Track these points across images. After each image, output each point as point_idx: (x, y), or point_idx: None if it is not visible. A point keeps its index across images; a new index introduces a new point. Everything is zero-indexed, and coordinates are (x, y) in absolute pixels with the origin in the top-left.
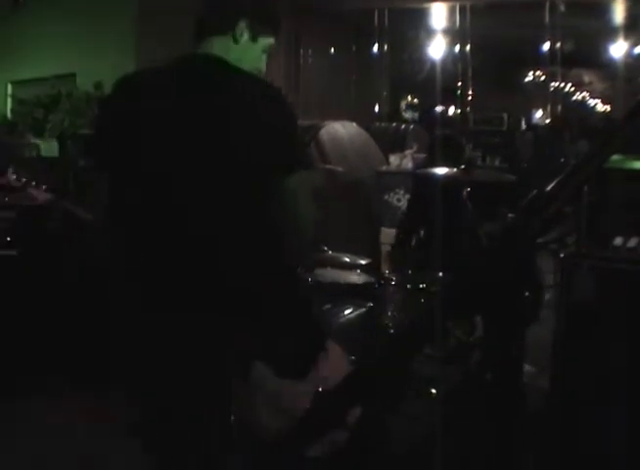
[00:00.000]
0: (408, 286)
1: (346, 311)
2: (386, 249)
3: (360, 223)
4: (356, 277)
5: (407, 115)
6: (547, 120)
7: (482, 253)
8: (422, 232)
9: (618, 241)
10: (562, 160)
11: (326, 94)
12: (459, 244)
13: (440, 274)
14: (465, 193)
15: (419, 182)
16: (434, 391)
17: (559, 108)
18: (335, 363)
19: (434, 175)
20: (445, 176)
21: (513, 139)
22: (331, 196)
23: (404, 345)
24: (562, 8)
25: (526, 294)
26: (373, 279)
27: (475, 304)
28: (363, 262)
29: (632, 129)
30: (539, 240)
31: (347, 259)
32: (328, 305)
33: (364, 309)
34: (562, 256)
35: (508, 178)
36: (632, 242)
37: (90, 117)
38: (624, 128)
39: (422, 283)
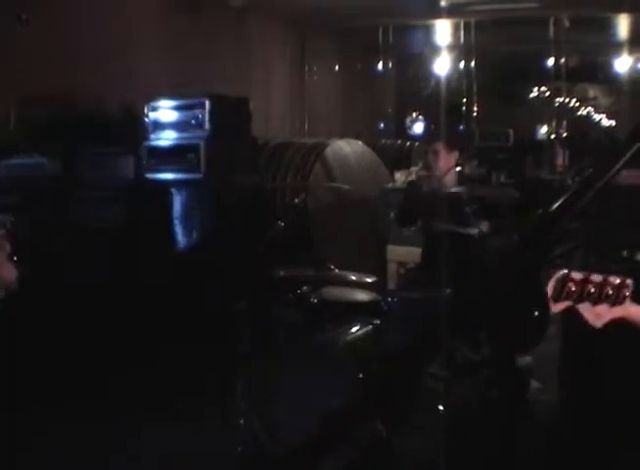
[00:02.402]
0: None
1: (353, 329)
2: (392, 266)
3: (366, 241)
4: (363, 295)
5: (412, 131)
6: (552, 136)
7: (487, 270)
8: (427, 249)
9: (625, 254)
10: (567, 175)
11: (331, 111)
12: (463, 259)
13: (448, 291)
14: (469, 208)
15: (418, 196)
16: (441, 407)
17: (564, 123)
18: None
19: (435, 190)
20: (448, 192)
21: (520, 155)
22: (337, 214)
23: (411, 361)
24: (566, 23)
25: (535, 313)
26: (380, 297)
27: (480, 320)
28: (369, 280)
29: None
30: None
31: (354, 277)
32: (335, 323)
33: (371, 327)
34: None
35: (512, 193)
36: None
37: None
38: (628, 147)
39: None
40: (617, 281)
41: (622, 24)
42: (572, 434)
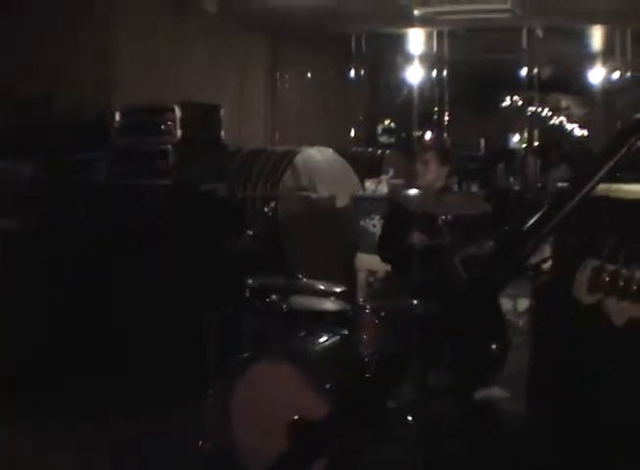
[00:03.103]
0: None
1: (321, 339)
2: (362, 274)
3: (336, 249)
4: (331, 304)
5: (383, 139)
6: (524, 145)
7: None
8: (398, 259)
9: None
10: (539, 185)
11: (303, 118)
12: (434, 272)
13: (415, 302)
14: (440, 221)
15: (394, 208)
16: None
17: (536, 132)
18: None
19: (410, 203)
20: (420, 204)
21: (491, 164)
22: (307, 222)
23: (381, 374)
24: (540, 33)
25: (493, 347)
26: (348, 306)
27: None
28: (338, 290)
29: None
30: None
31: (322, 287)
32: (303, 333)
33: (339, 337)
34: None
35: (485, 206)
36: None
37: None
38: (603, 162)
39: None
40: None
41: (596, 36)
42: (545, 446)
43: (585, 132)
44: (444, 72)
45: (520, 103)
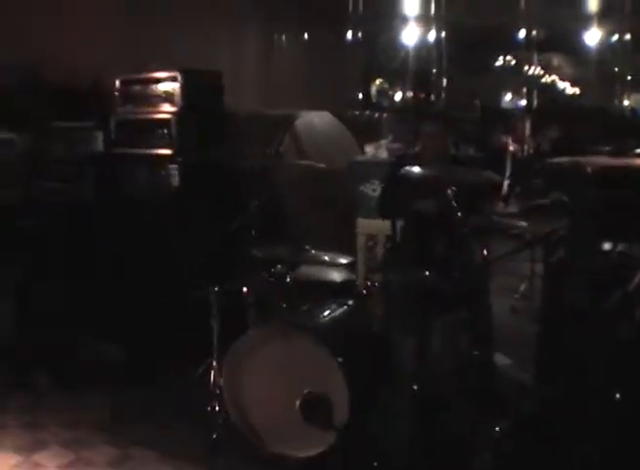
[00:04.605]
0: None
1: (327, 311)
2: (361, 239)
3: (340, 216)
4: (337, 274)
5: (378, 101)
6: (522, 103)
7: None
8: (406, 232)
9: (607, 246)
10: (532, 145)
11: (299, 80)
12: (446, 245)
13: (427, 273)
14: (450, 193)
15: (401, 180)
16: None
17: (532, 92)
18: None
19: (418, 175)
20: (430, 176)
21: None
22: (309, 190)
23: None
24: None
25: None
26: (354, 276)
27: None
28: (344, 261)
29: None
30: None
31: (327, 258)
32: (310, 303)
33: (345, 308)
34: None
35: (492, 177)
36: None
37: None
38: None
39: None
40: None
41: None
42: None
43: (577, 91)
44: (442, 35)
45: (513, 62)
